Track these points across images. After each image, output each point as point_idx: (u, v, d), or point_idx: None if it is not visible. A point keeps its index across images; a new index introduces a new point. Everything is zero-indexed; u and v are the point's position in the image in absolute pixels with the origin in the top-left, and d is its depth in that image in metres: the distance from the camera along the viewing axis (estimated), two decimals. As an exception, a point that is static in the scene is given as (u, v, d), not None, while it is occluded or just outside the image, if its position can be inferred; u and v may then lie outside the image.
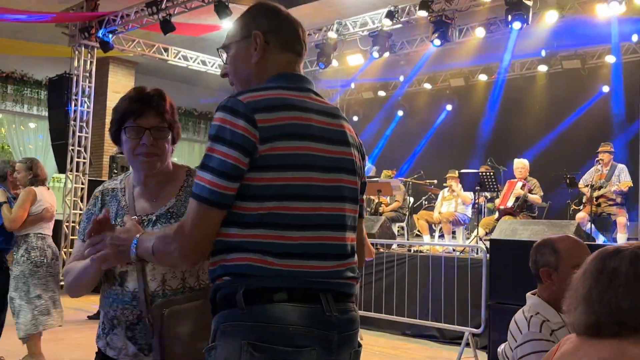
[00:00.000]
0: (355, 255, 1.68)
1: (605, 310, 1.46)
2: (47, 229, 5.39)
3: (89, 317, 7.76)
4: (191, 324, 1.77)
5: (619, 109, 10.94)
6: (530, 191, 8.41)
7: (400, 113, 14.12)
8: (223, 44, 1.80)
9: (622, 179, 8.26)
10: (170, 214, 1.94)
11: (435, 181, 10.42)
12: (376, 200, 9.88)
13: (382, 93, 14.17)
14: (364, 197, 1.83)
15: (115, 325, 1.91)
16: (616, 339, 1.43)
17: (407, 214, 10.21)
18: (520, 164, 8.70)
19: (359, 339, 1.68)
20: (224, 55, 1.80)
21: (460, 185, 9.32)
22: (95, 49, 11.63)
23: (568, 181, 8.71)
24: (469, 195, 9.22)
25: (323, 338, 1.51)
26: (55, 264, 5.30)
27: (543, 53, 11.03)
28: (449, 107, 13.38)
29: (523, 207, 8.41)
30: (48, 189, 5.65)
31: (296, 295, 1.49)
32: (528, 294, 2.39)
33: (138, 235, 1.69)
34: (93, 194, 2.09)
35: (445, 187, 9.73)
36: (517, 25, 8.73)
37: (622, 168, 8.41)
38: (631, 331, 1.43)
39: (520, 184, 8.52)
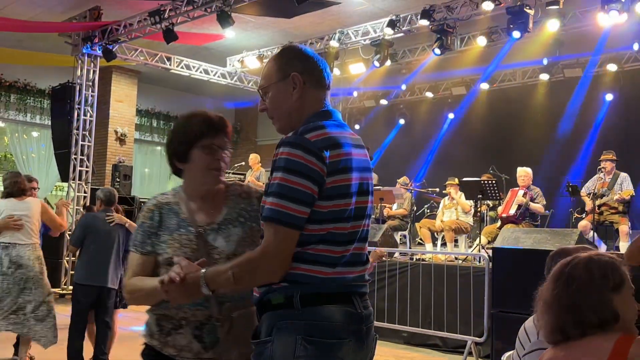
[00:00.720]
0: (369, 262, 2.00)
1: (565, 312, 1.64)
2: (14, 237, 5.35)
3: None
4: (252, 326, 1.99)
5: (621, 117, 10.94)
6: (532, 199, 8.39)
7: (401, 121, 14.14)
8: (261, 85, 2.01)
9: (625, 187, 8.25)
10: (227, 221, 2.20)
11: (437, 189, 10.41)
12: (379, 206, 9.89)
13: (383, 101, 14.19)
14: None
15: (182, 325, 2.13)
16: (584, 339, 1.61)
17: (410, 222, 10.20)
18: (523, 172, 8.69)
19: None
20: (264, 94, 2.01)
21: (460, 193, 9.31)
22: (98, 58, 11.68)
23: (570, 189, 8.69)
24: (468, 202, 9.20)
25: (356, 331, 1.84)
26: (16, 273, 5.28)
27: (545, 61, 11.04)
28: (450, 116, 13.39)
29: (525, 216, 8.39)
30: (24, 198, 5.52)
31: (336, 298, 1.82)
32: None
33: (202, 272, 1.87)
34: (147, 207, 2.26)
35: (446, 194, 9.73)
36: (518, 34, 8.76)
37: (624, 176, 8.39)
38: (595, 329, 1.60)
39: (522, 192, 8.50)
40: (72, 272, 5.18)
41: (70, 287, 10.98)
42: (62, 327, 5.50)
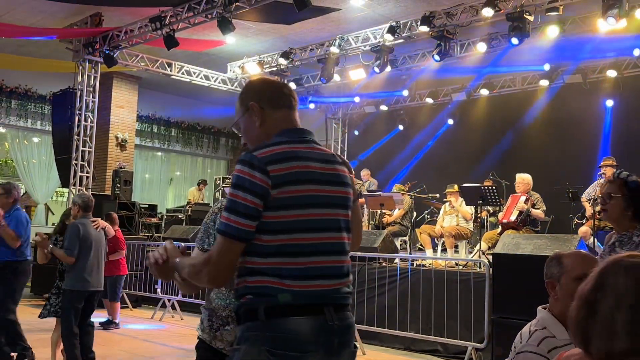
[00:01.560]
0: (350, 275, 2.04)
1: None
2: None
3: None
4: None
5: (621, 123, 10.96)
6: (533, 205, 8.39)
7: (401, 127, 14.16)
8: (234, 123, 2.18)
9: (625, 193, 8.25)
10: None
11: (438, 195, 10.41)
12: (379, 212, 9.89)
13: (383, 107, 14.22)
14: (368, 210, 2.11)
15: (229, 322, 2.46)
16: None
17: (410, 227, 10.19)
18: (519, 179, 8.71)
19: (355, 344, 2.04)
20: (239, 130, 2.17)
21: (461, 200, 9.30)
22: (99, 64, 11.71)
23: (570, 195, 8.70)
24: (469, 210, 9.19)
25: (326, 343, 1.87)
26: None
27: (546, 67, 11.06)
28: (450, 122, 13.41)
29: (526, 222, 8.38)
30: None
31: (305, 310, 1.86)
32: (539, 308, 2.39)
33: (177, 260, 2.02)
34: (211, 209, 2.54)
35: (446, 201, 9.73)
36: (518, 40, 8.79)
37: (625, 182, 8.39)
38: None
39: (523, 198, 8.50)
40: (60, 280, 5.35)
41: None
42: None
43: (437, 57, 9.80)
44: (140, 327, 8.49)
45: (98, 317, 6.59)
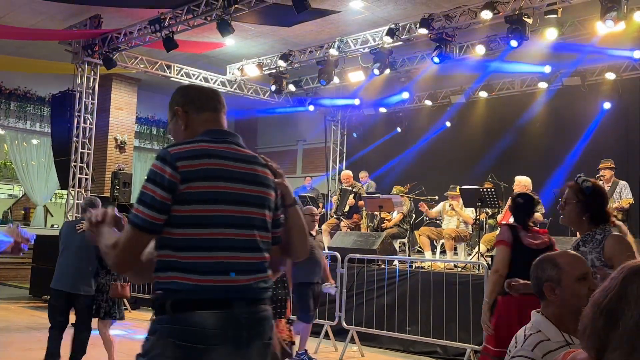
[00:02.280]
0: (268, 271, 2.11)
1: None
2: None
3: None
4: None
5: (619, 125, 10.97)
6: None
7: (400, 129, 14.17)
8: (168, 129, 2.33)
9: (624, 195, 8.26)
10: None
11: (437, 197, 10.41)
12: (379, 217, 9.89)
13: (382, 109, 14.23)
14: (366, 213, 2.16)
15: None
16: None
17: (409, 230, 10.19)
18: (518, 182, 8.71)
19: (272, 334, 2.09)
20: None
21: (461, 202, 9.30)
22: (99, 66, 11.71)
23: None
24: (471, 215, 9.17)
25: (234, 336, 1.94)
26: None
27: (547, 69, 11.07)
28: (448, 124, 13.42)
29: (525, 224, 8.38)
30: None
31: (211, 304, 1.92)
32: (533, 312, 2.40)
33: (105, 230, 2.08)
34: None
35: (444, 201, 9.73)
36: (516, 42, 8.80)
37: (623, 185, 8.40)
38: None
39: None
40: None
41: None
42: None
43: (436, 60, 9.80)
44: (139, 329, 8.48)
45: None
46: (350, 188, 11.02)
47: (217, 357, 1.89)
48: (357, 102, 13.99)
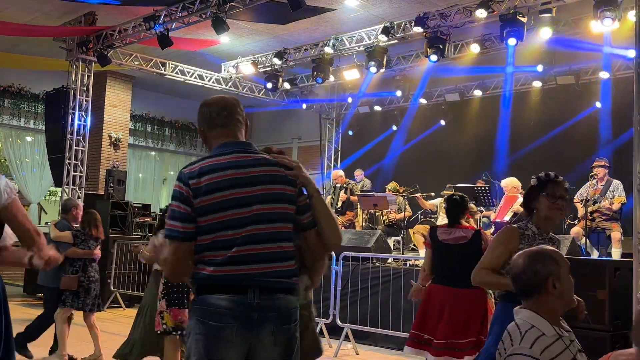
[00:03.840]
0: (285, 261, 2.37)
1: None
2: None
3: None
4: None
5: (612, 124, 11.00)
6: (525, 206, 8.42)
7: (395, 127, 14.18)
8: None
9: (617, 194, 8.30)
10: None
11: (433, 194, 10.44)
12: (374, 211, 9.90)
13: (377, 108, 14.24)
14: (365, 212, 2.33)
15: None
16: None
17: (404, 228, 10.21)
18: (506, 184, 8.75)
19: (292, 322, 2.35)
20: None
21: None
22: (93, 63, 11.67)
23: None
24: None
25: (243, 317, 2.25)
26: None
27: (539, 68, 11.10)
28: (442, 122, 13.44)
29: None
30: None
31: (225, 289, 2.27)
32: (516, 309, 2.41)
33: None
34: None
35: (440, 198, 9.75)
36: (511, 41, 8.83)
37: (617, 184, 8.44)
38: None
39: (521, 199, 8.50)
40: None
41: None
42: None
43: (433, 58, 9.80)
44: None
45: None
46: (340, 184, 11.08)
47: (229, 333, 2.24)
48: (350, 100, 14.00)
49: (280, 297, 2.32)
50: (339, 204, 10.94)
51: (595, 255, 8.23)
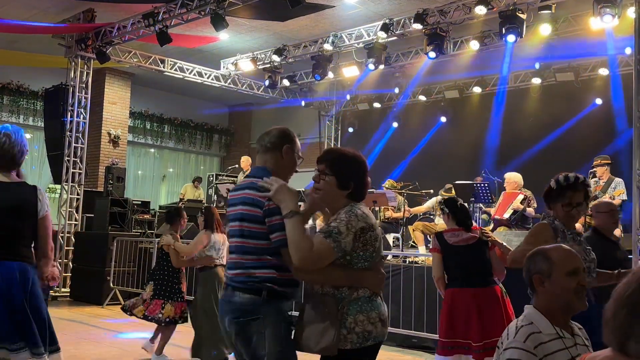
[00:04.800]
0: (252, 269, 2.77)
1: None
2: None
3: None
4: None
5: (612, 121, 11.00)
6: (528, 205, 8.43)
7: (395, 124, 14.18)
8: None
9: (617, 189, 8.29)
10: None
11: (432, 191, 10.44)
12: (373, 208, 9.90)
13: (377, 104, 14.23)
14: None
15: None
16: None
17: (403, 224, 10.21)
18: (508, 178, 8.74)
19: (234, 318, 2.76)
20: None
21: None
22: (92, 60, 11.66)
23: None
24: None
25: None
26: None
27: (537, 65, 11.09)
28: (443, 119, 13.44)
29: (519, 221, 8.42)
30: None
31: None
32: (527, 306, 2.42)
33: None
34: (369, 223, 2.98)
35: (435, 197, 9.75)
36: (511, 38, 8.82)
37: (618, 181, 8.43)
38: None
39: (521, 197, 8.50)
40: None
41: (64, 290, 10.95)
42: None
43: (432, 54, 9.79)
44: (135, 325, 8.47)
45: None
46: None
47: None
48: (349, 97, 13.99)
49: (235, 295, 2.76)
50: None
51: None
